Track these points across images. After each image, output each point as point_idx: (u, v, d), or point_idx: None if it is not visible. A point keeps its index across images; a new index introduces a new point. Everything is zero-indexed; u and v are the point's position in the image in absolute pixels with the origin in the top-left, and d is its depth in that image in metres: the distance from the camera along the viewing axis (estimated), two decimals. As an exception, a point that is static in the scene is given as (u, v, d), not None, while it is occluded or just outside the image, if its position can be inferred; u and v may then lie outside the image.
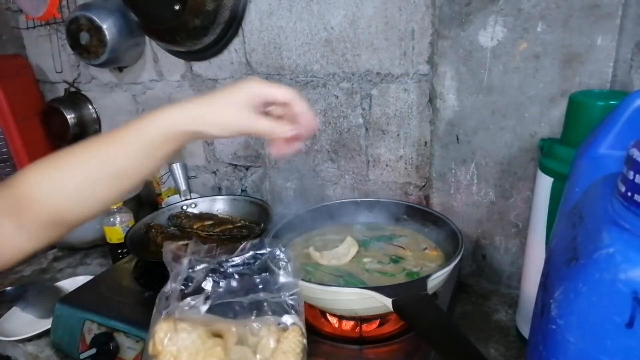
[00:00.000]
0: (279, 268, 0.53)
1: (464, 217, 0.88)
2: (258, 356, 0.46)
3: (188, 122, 0.50)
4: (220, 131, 0.50)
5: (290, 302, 0.50)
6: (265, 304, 0.50)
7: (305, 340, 0.49)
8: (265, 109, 0.53)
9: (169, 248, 0.51)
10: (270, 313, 0.50)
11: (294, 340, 0.47)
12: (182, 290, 0.50)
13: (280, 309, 0.50)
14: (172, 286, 0.50)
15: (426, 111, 0.90)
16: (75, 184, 0.49)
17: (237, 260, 0.53)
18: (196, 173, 1.29)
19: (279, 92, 0.51)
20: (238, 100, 0.50)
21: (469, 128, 0.82)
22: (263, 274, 0.53)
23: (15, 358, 0.85)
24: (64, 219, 0.50)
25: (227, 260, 0.53)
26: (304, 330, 0.49)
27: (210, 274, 0.51)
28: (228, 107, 0.50)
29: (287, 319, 0.49)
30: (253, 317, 0.49)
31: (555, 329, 0.34)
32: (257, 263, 0.53)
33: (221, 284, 0.51)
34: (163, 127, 0.49)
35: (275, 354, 0.46)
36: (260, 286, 0.51)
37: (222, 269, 0.52)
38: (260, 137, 1.12)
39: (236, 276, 0.52)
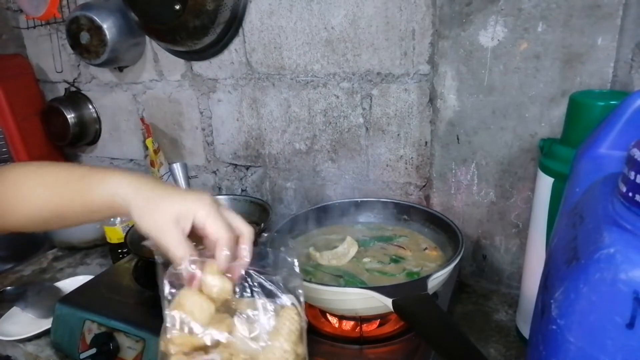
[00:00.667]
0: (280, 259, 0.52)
1: (464, 217, 0.88)
2: (256, 326, 0.45)
3: (132, 208, 0.48)
4: (147, 233, 0.48)
5: (290, 285, 0.50)
6: (266, 284, 0.49)
7: (302, 321, 0.48)
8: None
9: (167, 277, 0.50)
10: (265, 293, 0.49)
11: (294, 319, 0.47)
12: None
13: (279, 291, 0.49)
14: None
15: (426, 111, 0.90)
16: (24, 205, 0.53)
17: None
18: (196, 173, 1.29)
19: (214, 227, 0.47)
20: (168, 208, 0.47)
21: (470, 128, 0.82)
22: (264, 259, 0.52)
23: (15, 358, 0.85)
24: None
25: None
26: (300, 309, 0.48)
27: None
28: (167, 224, 0.46)
29: (285, 299, 0.48)
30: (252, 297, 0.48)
31: (555, 329, 0.34)
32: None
33: None
34: (111, 196, 0.49)
35: (274, 335, 0.46)
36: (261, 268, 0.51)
37: None
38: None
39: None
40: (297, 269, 0.50)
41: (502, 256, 0.87)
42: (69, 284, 0.95)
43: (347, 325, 0.72)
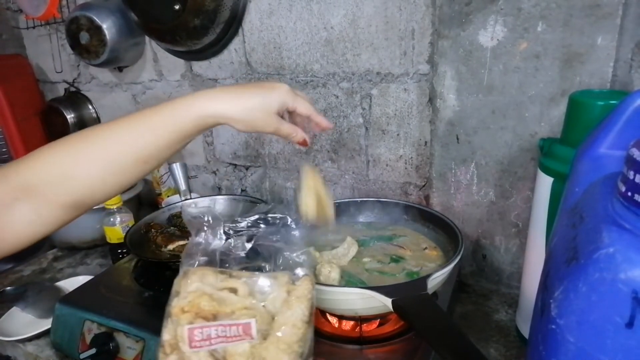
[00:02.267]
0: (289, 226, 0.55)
1: (464, 217, 0.88)
2: (264, 304, 0.48)
3: (219, 115, 0.52)
4: (245, 127, 0.55)
5: (301, 258, 0.53)
6: (280, 255, 0.52)
7: (314, 292, 0.51)
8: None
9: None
10: (281, 268, 0.52)
11: (307, 287, 0.50)
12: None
13: (292, 264, 0.52)
14: (195, 241, 0.52)
15: (426, 111, 0.90)
16: (97, 170, 0.49)
17: (247, 221, 0.55)
18: (196, 173, 1.29)
19: (304, 106, 0.58)
20: (269, 106, 0.54)
21: (469, 128, 0.82)
22: (275, 228, 0.55)
23: (15, 358, 0.85)
24: (84, 202, 0.51)
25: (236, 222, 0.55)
26: (314, 280, 0.52)
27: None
28: (259, 111, 0.54)
29: (299, 271, 0.52)
30: (265, 271, 0.52)
31: (555, 328, 0.34)
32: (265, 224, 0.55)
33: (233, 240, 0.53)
34: (196, 116, 0.51)
35: (288, 303, 0.49)
36: (275, 237, 0.54)
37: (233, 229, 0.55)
38: (278, 137, 1.12)
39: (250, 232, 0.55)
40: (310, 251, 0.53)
41: (502, 256, 0.87)
42: (69, 284, 0.95)
43: (347, 325, 0.72)
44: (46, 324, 0.82)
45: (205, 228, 0.52)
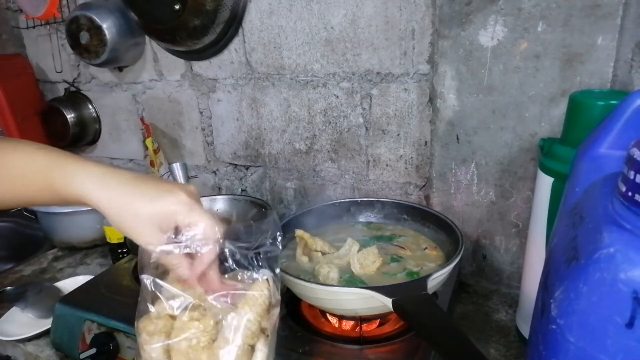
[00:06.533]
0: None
1: (464, 217, 0.88)
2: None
3: (104, 207, 0.46)
4: (125, 232, 0.47)
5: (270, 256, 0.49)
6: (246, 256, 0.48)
7: (272, 296, 0.48)
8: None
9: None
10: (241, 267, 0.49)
11: (258, 291, 0.47)
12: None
13: (255, 266, 0.49)
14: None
15: (426, 111, 0.90)
16: None
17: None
18: (196, 173, 1.29)
19: (198, 229, 0.46)
20: (157, 222, 0.45)
21: (469, 128, 0.82)
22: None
23: (15, 358, 0.85)
24: None
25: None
26: (271, 284, 0.48)
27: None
28: (144, 225, 0.45)
29: (259, 274, 0.48)
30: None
31: (555, 328, 0.34)
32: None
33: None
34: (81, 197, 0.46)
35: (240, 303, 0.46)
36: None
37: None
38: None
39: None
40: (279, 240, 0.50)
41: (502, 256, 0.87)
42: (69, 284, 0.95)
43: (347, 325, 0.72)
44: (46, 324, 0.82)
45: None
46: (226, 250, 0.48)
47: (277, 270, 0.50)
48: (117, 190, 0.46)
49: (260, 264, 0.49)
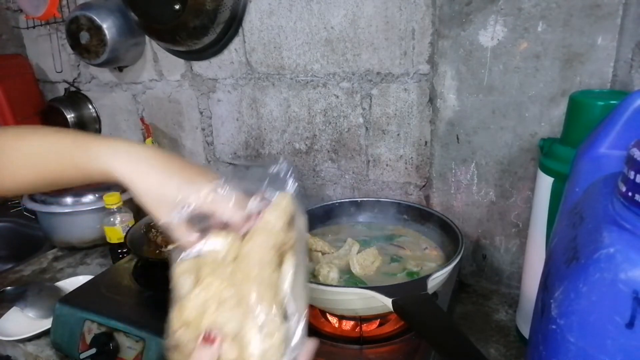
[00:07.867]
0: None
1: (464, 217, 0.88)
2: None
3: (130, 182, 0.47)
4: (149, 210, 0.48)
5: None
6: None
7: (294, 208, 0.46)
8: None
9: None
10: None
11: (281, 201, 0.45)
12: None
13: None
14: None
15: (426, 111, 0.90)
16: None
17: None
18: (196, 173, 1.29)
19: (225, 214, 0.46)
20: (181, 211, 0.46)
21: (469, 128, 0.82)
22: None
23: (15, 358, 0.85)
24: None
25: None
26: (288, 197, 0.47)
27: None
28: (168, 207, 0.47)
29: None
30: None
31: (555, 328, 0.34)
32: None
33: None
34: (107, 171, 0.47)
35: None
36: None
37: None
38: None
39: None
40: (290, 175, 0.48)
41: (502, 256, 0.87)
42: (69, 284, 0.95)
43: (347, 325, 0.72)
44: (46, 324, 0.82)
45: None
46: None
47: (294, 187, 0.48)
48: (144, 166, 0.46)
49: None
